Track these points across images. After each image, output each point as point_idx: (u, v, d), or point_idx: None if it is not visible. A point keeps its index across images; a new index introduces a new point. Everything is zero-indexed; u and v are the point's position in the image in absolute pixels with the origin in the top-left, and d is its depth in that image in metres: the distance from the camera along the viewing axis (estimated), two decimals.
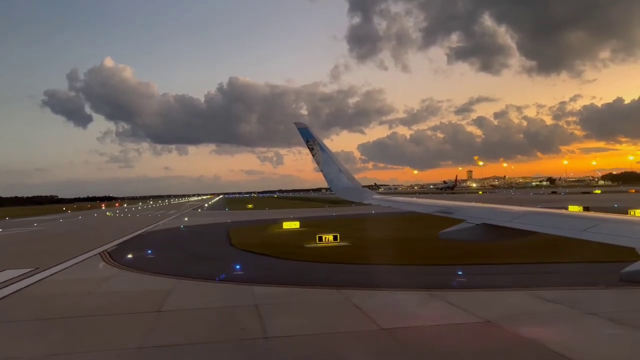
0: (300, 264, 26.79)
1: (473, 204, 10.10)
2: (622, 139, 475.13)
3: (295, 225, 48.98)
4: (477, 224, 7.91)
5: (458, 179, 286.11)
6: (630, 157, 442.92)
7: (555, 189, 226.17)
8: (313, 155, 14.47)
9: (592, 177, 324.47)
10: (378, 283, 20.22)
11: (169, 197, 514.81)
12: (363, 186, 15.42)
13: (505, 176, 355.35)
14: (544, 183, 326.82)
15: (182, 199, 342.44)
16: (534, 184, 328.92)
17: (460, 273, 21.43)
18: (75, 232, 58.52)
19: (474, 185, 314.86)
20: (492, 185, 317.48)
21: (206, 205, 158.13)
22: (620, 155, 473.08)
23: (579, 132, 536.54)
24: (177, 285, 20.80)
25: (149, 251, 31.87)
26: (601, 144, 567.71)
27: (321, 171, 14.25)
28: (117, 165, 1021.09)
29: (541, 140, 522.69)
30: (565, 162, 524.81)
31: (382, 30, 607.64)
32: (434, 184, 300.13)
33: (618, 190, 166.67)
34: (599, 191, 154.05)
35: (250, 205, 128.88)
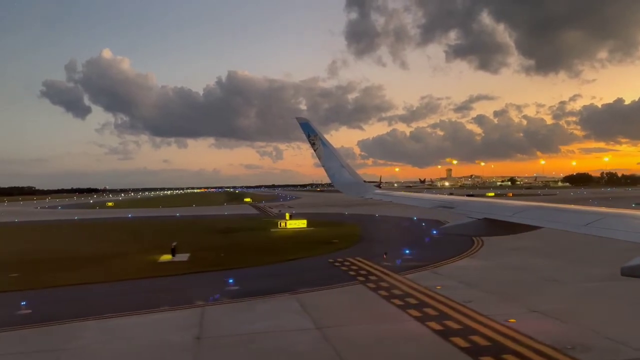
0: None
1: (474, 198, 10.08)
2: (622, 140, 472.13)
3: None
4: (479, 219, 7.89)
5: (425, 178, 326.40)
6: (606, 159, 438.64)
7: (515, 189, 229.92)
8: (315, 150, 14.39)
9: (553, 178, 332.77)
10: None
11: (162, 189, 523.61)
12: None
13: (472, 175, 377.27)
14: (507, 183, 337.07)
15: (161, 193, 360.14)
16: (498, 183, 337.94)
17: None
18: None
19: (447, 184, 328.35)
20: (460, 185, 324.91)
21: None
22: (621, 156, 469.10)
23: (578, 132, 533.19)
24: None
25: None
26: (601, 145, 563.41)
27: (323, 166, 14.20)
28: (117, 157, 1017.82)
29: (541, 139, 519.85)
30: (543, 162, 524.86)
31: (380, 27, 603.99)
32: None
33: (522, 193, 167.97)
34: (492, 194, 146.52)
35: (110, 204, 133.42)
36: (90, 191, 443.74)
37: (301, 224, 49.82)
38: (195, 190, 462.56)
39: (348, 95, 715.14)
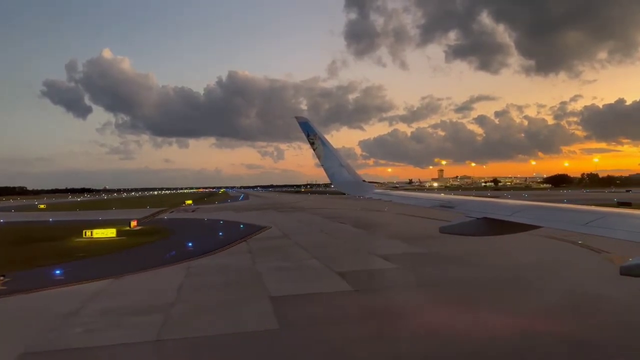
0: None
1: (474, 197, 10.04)
2: (624, 140, 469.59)
3: None
4: (478, 218, 7.86)
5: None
6: (595, 160, 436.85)
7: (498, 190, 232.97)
8: (314, 150, 14.36)
9: (535, 179, 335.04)
10: None
11: (162, 189, 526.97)
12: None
13: (457, 176, 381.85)
14: (490, 184, 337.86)
15: (155, 192, 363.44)
16: (483, 184, 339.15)
17: None
18: None
19: (435, 184, 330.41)
20: (447, 186, 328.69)
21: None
22: (622, 156, 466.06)
23: (580, 133, 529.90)
24: None
25: None
26: (602, 145, 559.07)
27: (322, 166, 14.17)
28: (118, 156, 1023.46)
29: (542, 140, 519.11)
30: (533, 162, 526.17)
31: (380, 27, 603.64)
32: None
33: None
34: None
35: (42, 206, 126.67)
36: (84, 191, 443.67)
37: (109, 233, 45.66)
38: (192, 190, 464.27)
39: (349, 96, 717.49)
